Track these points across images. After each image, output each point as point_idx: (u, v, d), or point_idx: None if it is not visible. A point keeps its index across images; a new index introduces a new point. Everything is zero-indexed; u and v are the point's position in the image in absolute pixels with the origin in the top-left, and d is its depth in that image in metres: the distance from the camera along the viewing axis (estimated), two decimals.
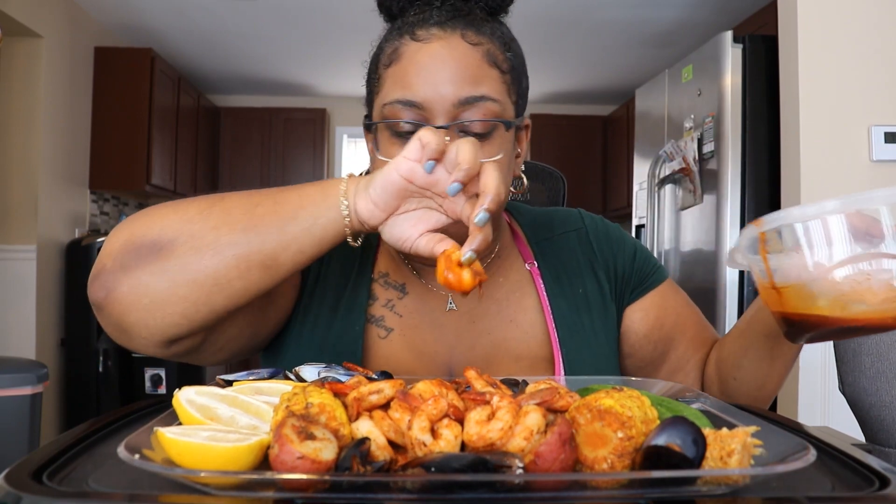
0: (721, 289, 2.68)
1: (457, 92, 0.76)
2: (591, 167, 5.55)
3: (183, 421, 0.52)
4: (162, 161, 4.40)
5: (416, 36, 0.79)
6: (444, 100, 0.76)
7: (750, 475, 0.43)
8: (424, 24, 0.79)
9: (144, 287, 0.66)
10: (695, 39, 4.06)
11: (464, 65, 0.76)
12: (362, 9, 4.34)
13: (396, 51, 0.80)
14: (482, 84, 0.77)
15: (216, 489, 0.42)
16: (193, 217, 0.68)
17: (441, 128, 0.75)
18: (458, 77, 0.76)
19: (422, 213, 0.67)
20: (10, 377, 1.90)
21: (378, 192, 0.65)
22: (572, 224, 0.95)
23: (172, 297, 0.66)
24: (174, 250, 0.66)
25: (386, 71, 0.81)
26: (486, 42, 0.79)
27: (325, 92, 5.66)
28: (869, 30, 2.34)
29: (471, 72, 0.76)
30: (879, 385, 1.12)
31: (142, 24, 4.14)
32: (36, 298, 3.38)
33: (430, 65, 0.76)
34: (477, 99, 0.76)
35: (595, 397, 0.48)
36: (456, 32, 0.78)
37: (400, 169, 0.64)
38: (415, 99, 0.76)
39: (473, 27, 0.79)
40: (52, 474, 0.45)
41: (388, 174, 0.64)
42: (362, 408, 0.51)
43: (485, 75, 0.77)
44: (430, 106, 0.76)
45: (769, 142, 2.65)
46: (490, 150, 0.77)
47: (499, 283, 0.89)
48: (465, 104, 0.76)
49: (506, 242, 0.92)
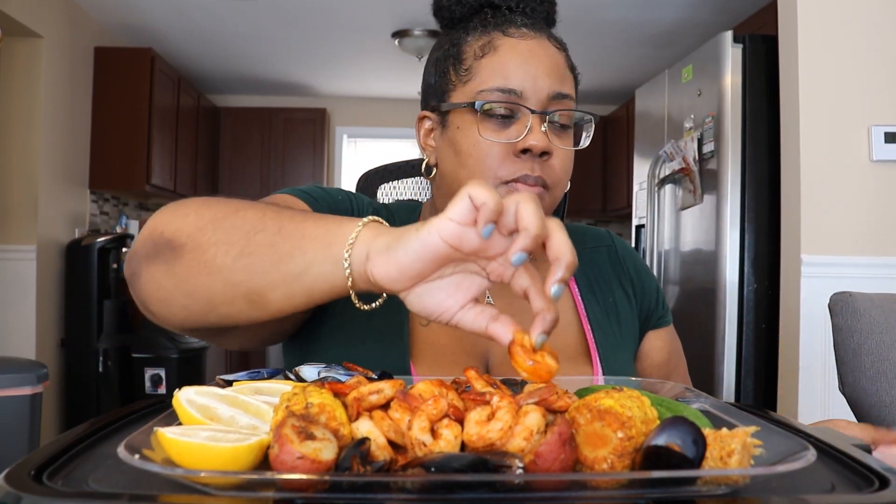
0: (721, 289, 2.68)
1: (551, 85, 0.84)
2: (591, 167, 5.54)
3: (183, 421, 0.52)
4: (162, 161, 4.40)
5: (509, 32, 0.85)
6: (541, 91, 0.83)
7: (750, 475, 0.43)
8: (513, 25, 0.86)
9: (157, 282, 0.66)
10: (695, 39, 4.06)
11: (555, 63, 0.85)
12: (362, 9, 4.35)
13: (490, 43, 0.85)
14: (566, 83, 0.86)
15: (216, 489, 0.42)
16: (206, 226, 0.65)
17: (537, 113, 0.82)
18: (552, 73, 0.84)
19: (459, 280, 0.56)
20: (10, 377, 1.90)
21: (410, 258, 0.53)
22: (603, 241, 1.03)
23: (177, 299, 0.66)
24: (182, 256, 0.64)
25: (479, 62, 0.85)
26: (563, 49, 0.89)
27: (325, 92, 5.66)
28: (869, 30, 2.33)
29: (560, 71, 0.86)
30: (879, 385, 1.12)
31: (142, 24, 4.14)
32: (36, 298, 3.38)
33: (529, 58, 0.84)
34: (564, 96, 0.85)
35: (595, 397, 0.48)
36: (543, 35, 0.87)
37: (444, 233, 0.51)
38: (515, 87, 0.82)
39: (552, 35, 0.89)
40: (52, 474, 0.45)
41: (428, 238, 0.52)
42: (362, 408, 0.51)
43: (567, 77, 0.87)
44: (528, 95, 0.83)
45: (769, 142, 2.65)
46: (569, 140, 0.86)
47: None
48: (555, 99, 0.84)
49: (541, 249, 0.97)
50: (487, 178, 0.82)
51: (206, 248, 0.63)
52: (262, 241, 0.61)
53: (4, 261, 3.35)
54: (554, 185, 0.84)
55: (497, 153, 0.83)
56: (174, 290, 0.65)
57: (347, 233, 0.58)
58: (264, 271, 0.61)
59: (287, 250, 0.60)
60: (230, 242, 0.62)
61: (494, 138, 0.82)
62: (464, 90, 0.86)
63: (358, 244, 0.57)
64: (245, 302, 0.62)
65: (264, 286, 0.61)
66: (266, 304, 0.62)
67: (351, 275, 0.57)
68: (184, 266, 0.64)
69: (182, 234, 0.65)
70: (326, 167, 5.67)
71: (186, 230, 0.65)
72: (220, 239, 0.63)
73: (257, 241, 0.61)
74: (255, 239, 0.62)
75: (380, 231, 0.57)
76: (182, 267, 0.64)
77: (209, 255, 0.63)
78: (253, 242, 0.62)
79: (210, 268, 0.62)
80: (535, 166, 0.82)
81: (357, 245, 0.57)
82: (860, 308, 1.18)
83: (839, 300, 1.22)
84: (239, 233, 0.63)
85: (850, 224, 2.32)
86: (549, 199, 0.85)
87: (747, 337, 2.65)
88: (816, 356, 2.28)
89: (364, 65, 4.88)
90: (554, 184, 0.84)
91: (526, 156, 0.82)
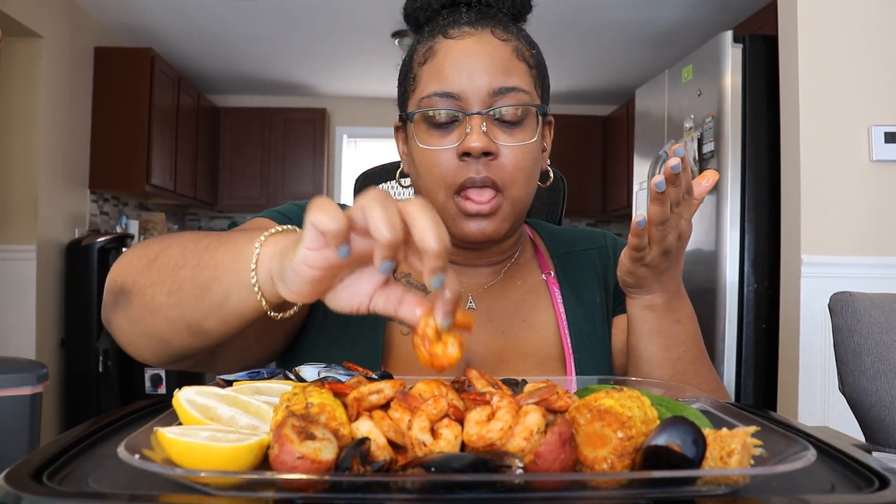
0: (721, 289, 2.68)
1: (490, 82, 0.80)
2: (590, 167, 5.54)
3: (183, 421, 0.52)
4: (162, 161, 4.40)
5: (449, 34, 0.84)
6: (479, 90, 0.80)
7: (750, 475, 0.43)
8: (456, 24, 0.84)
9: (121, 328, 0.70)
10: (695, 39, 4.06)
11: (496, 58, 0.82)
12: (362, 9, 4.35)
13: (431, 49, 0.84)
14: (513, 75, 0.82)
15: (216, 489, 0.42)
16: (143, 268, 0.67)
17: (478, 114, 0.80)
18: (491, 69, 0.81)
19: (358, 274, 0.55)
20: (10, 377, 1.90)
21: (299, 283, 0.52)
22: (595, 241, 1.01)
23: (139, 340, 0.69)
24: (131, 301, 0.67)
25: (421, 68, 0.85)
26: (513, 39, 0.84)
27: (325, 92, 5.66)
28: (869, 30, 2.33)
29: (503, 64, 0.82)
30: (879, 385, 1.12)
31: (142, 24, 4.14)
32: (36, 298, 3.38)
33: (464, 59, 0.81)
34: (509, 89, 0.81)
35: (595, 397, 0.48)
36: (486, 30, 0.84)
37: (308, 261, 0.51)
38: (452, 90, 0.81)
39: (501, 26, 0.85)
40: (52, 474, 0.45)
41: (300, 268, 0.52)
42: (362, 408, 0.51)
43: (515, 68, 0.82)
44: (466, 96, 0.81)
45: (769, 142, 2.65)
46: (522, 135, 0.82)
47: (517, 286, 0.94)
48: (499, 94, 0.81)
49: (526, 254, 0.97)
50: (438, 187, 0.81)
51: (145, 291, 0.65)
52: (185, 276, 0.63)
53: (4, 261, 3.35)
54: (508, 184, 0.81)
55: (443, 161, 0.81)
56: (133, 333, 0.68)
57: (249, 257, 0.58)
58: (193, 305, 0.62)
59: (206, 282, 0.61)
60: (161, 282, 0.64)
61: (437, 146, 0.81)
62: (413, 99, 0.85)
63: (260, 268, 0.57)
64: (189, 334, 0.64)
65: (198, 318, 0.62)
66: (206, 333, 0.64)
67: (263, 297, 0.58)
68: (134, 310, 0.66)
69: (129, 280, 0.67)
70: (326, 167, 5.67)
71: (131, 275, 0.67)
72: (154, 279, 0.65)
73: (181, 277, 0.63)
74: (178, 275, 0.63)
75: (275, 249, 0.57)
76: (133, 311, 0.67)
77: (148, 296, 0.65)
78: (178, 279, 0.63)
79: (151, 308, 0.65)
80: (480, 168, 0.79)
81: (260, 269, 0.57)
82: (860, 308, 1.18)
83: (839, 300, 1.22)
84: (166, 271, 0.64)
85: (850, 224, 2.32)
86: (507, 201, 0.82)
87: (747, 337, 2.65)
88: (816, 356, 2.28)
89: (364, 65, 4.88)
90: (507, 184, 0.81)
91: (469, 159, 0.80)
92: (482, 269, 0.92)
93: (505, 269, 0.93)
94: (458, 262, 0.91)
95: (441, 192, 0.82)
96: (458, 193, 0.81)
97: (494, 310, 0.91)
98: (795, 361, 2.33)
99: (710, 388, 0.84)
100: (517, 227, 0.89)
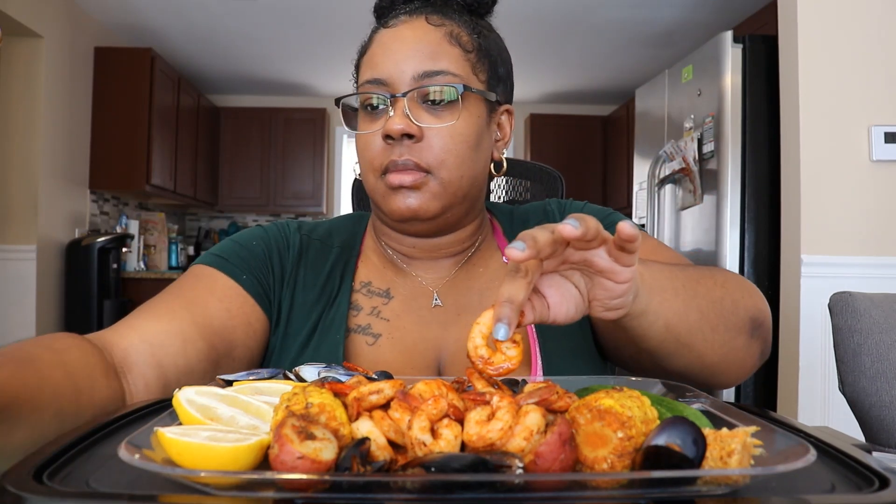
0: None
1: (416, 67, 0.81)
2: (590, 167, 5.55)
3: (183, 421, 0.52)
4: (162, 161, 4.41)
5: (388, 24, 0.86)
6: (405, 74, 0.81)
7: (750, 475, 0.43)
8: (395, 15, 0.87)
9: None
10: (695, 39, 4.06)
11: (424, 42, 0.83)
12: (362, 9, 4.35)
13: (370, 40, 0.87)
14: (441, 60, 0.82)
15: (216, 489, 0.42)
16: None
17: (400, 96, 0.81)
18: (417, 53, 0.82)
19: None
20: None
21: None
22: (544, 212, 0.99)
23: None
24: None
25: (361, 59, 0.88)
26: (448, 24, 0.85)
27: (325, 92, 5.66)
28: (869, 30, 2.34)
29: (431, 48, 0.82)
30: (879, 385, 1.12)
31: (142, 24, 4.14)
32: (36, 298, 3.38)
33: (392, 45, 0.83)
34: (436, 73, 0.81)
35: (595, 397, 0.48)
36: (421, 17, 0.85)
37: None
38: (380, 76, 0.82)
39: (439, 12, 0.86)
40: (52, 474, 0.45)
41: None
42: (362, 408, 0.51)
43: (444, 52, 0.83)
44: (393, 81, 0.82)
45: (769, 142, 2.65)
46: (450, 117, 0.82)
47: (479, 273, 0.93)
48: (424, 77, 0.81)
49: (486, 237, 0.96)
50: (368, 170, 0.84)
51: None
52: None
53: (4, 261, 3.35)
54: (436, 166, 0.81)
55: (371, 145, 0.83)
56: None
57: None
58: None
59: None
60: None
61: (367, 130, 0.84)
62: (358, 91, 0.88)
63: None
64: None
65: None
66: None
67: None
68: None
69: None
70: (326, 167, 5.67)
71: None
72: None
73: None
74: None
75: None
76: None
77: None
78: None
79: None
80: (402, 150, 0.80)
81: None
82: (860, 308, 1.18)
83: (839, 300, 1.22)
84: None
85: (849, 224, 2.32)
86: (436, 182, 0.81)
87: None
88: (816, 356, 2.28)
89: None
90: (435, 165, 0.81)
91: (392, 142, 0.81)
92: (443, 262, 0.91)
93: (466, 259, 0.93)
94: (417, 257, 0.91)
95: (370, 174, 0.84)
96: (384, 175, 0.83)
97: (461, 303, 0.90)
98: (795, 361, 2.33)
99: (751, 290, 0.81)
100: (455, 210, 0.86)
